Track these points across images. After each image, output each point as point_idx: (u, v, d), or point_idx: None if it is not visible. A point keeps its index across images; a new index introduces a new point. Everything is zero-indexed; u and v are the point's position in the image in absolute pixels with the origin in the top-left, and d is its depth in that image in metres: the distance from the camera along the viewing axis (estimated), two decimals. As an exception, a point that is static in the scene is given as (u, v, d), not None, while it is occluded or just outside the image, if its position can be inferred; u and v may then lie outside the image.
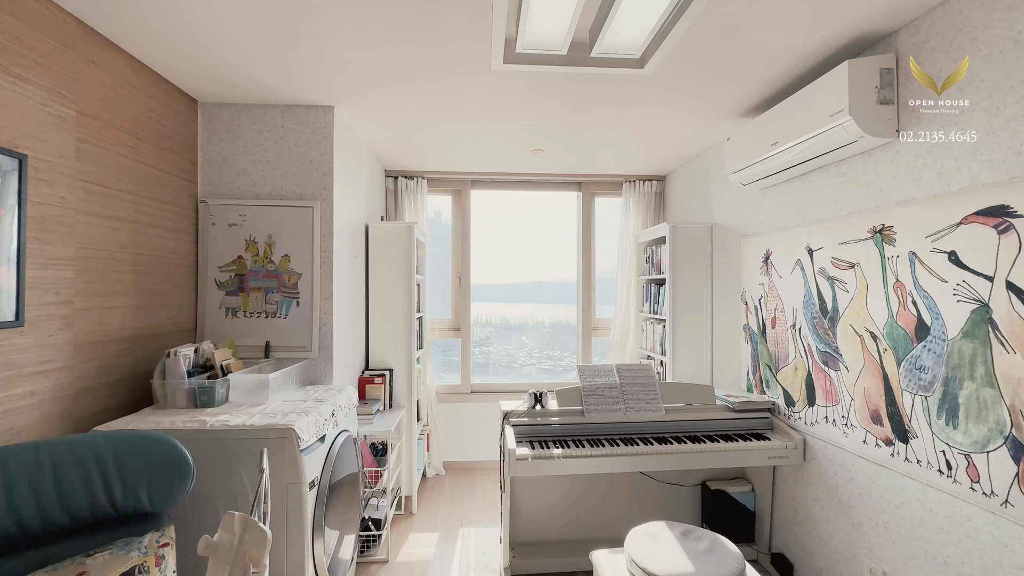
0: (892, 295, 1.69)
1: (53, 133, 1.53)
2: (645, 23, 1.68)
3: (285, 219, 2.33)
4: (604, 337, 3.90)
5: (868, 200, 1.81)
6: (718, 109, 2.41)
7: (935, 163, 1.55)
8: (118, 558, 1.12)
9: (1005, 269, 1.33)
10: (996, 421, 1.36)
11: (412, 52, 1.85)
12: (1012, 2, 1.32)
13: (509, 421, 2.26)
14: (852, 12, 1.59)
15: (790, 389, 2.26)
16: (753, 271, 2.55)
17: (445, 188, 3.80)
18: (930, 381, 1.56)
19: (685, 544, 1.60)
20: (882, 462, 1.74)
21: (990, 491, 1.38)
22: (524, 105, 2.37)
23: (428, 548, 2.59)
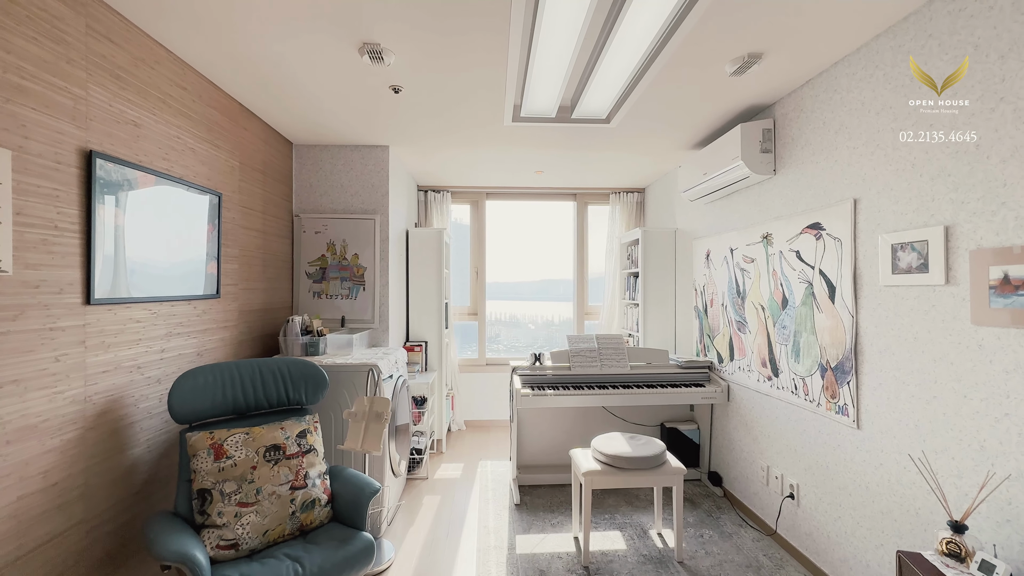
0: (771, 280, 2.54)
1: (229, 178, 2.43)
2: (607, 96, 2.54)
3: (354, 227, 3.23)
4: (595, 320, 4.76)
5: (760, 215, 2.65)
6: (671, 145, 3.26)
7: (791, 194, 2.39)
8: (297, 423, 2.02)
9: (819, 261, 2.18)
10: (815, 356, 2.20)
11: (450, 116, 2.73)
12: (824, 99, 2.16)
13: (516, 373, 3.14)
14: (746, 93, 2.43)
15: (720, 350, 3.11)
16: (700, 265, 3.40)
17: (465, 199, 4.69)
18: (788, 335, 2.40)
19: (630, 441, 2.46)
20: (766, 392, 2.59)
21: (813, 399, 2.22)
22: (527, 146, 3.24)
23: (456, 472, 3.49)
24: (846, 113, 2.02)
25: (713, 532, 2.61)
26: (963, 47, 1.53)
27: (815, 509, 2.22)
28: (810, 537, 2.25)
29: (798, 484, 2.34)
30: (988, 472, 1.44)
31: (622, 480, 2.28)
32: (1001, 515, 1.41)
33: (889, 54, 1.80)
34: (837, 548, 2.08)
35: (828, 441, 2.15)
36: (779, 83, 2.29)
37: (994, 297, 1.42)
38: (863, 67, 1.93)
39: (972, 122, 1.50)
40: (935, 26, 1.62)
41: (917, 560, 1.46)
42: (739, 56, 2.03)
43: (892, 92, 1.79)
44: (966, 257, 1.51)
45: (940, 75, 1.60)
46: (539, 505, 2.94)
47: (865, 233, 1.92)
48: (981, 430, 1.47)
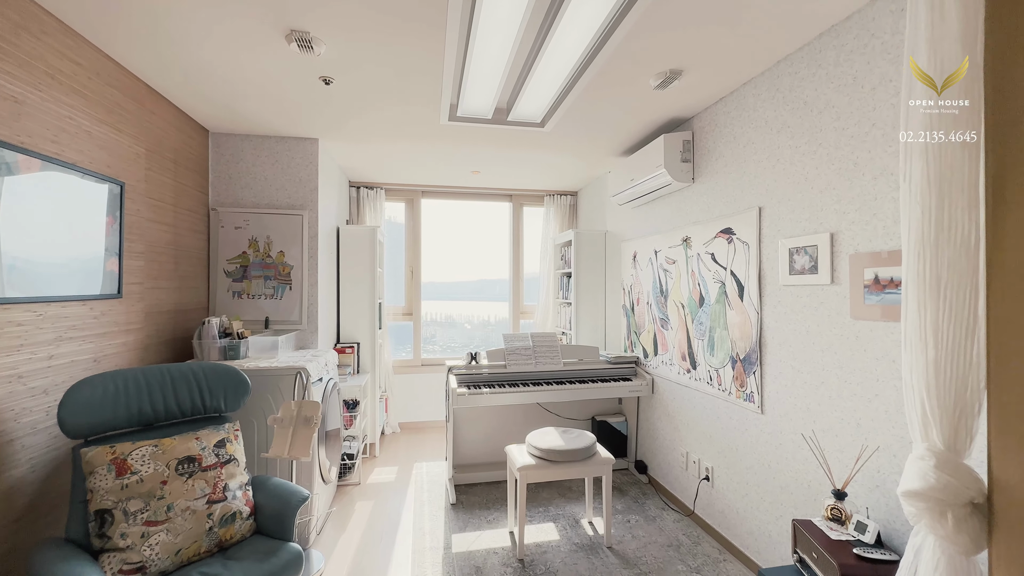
0: (690, 280, 2.75)
1: (133, 165, 2.21)
2: (542, 101, 2.61)
3: (280, 223, 3.05)
4: (530, 320, 4.87)
5: (680, 220, 2.86)
6: (602, 151, 3.42)
7: (707, 201, 2.61)
8: (214, 432, 1.87)
9: (730, 263, 2.39)
10: (727, 349, 2.42)
11: (385, 112, 2.67)
12: (735, 116, 2.38)
13: (453, 372, 3.13)
14: (669, 106, 2.61)
15: (646, 346, 3.32)
16: (628, 266, 3.60)
17: (400, 197, 4.59)
18: (704, 331, 2.62)
19: (563, 435, 2.55)
20: (686, 384, 2.80)
21: (725, 388, 2.44)
22: (463, 145, 3.25)
23: (390, 475, 3.41)
24: (752, 129, 2.24)
25: (639, 517, 2.78)
26: (843, 78, 1.76)
27: (727, 489, 2.44)
28: (722, 514, 2.47)
29: (713, 467, 2.56)
30: (863, 446, 1.67)
31: (556, 473, 2.36)
32: (872, 482, 1.64)
33: (787, 79, 2.03)
34: (744, 522, 2.30)
35: (738, 426, 2.37)
36: (697, 98, 2.49)
37: (868, 295, 1.65)
38: (766, 89, 2.15)
39: (852, 144, 1.73)
40: (823, 57, 1.85)
41: (808, 526, 1.66)
42: (662, 71, 2.18)
43: (790, 112, 2.01)
44: (847, 260, 1.74)
45: (827, 102, 1.83)
46: (475, 503, 2.96)
47: (768, 238, 2.14)
48: (857, 409, 1.70)
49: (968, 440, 0.95)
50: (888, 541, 1.56)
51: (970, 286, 0.92)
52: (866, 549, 1.48)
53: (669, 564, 2.30)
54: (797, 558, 1.68)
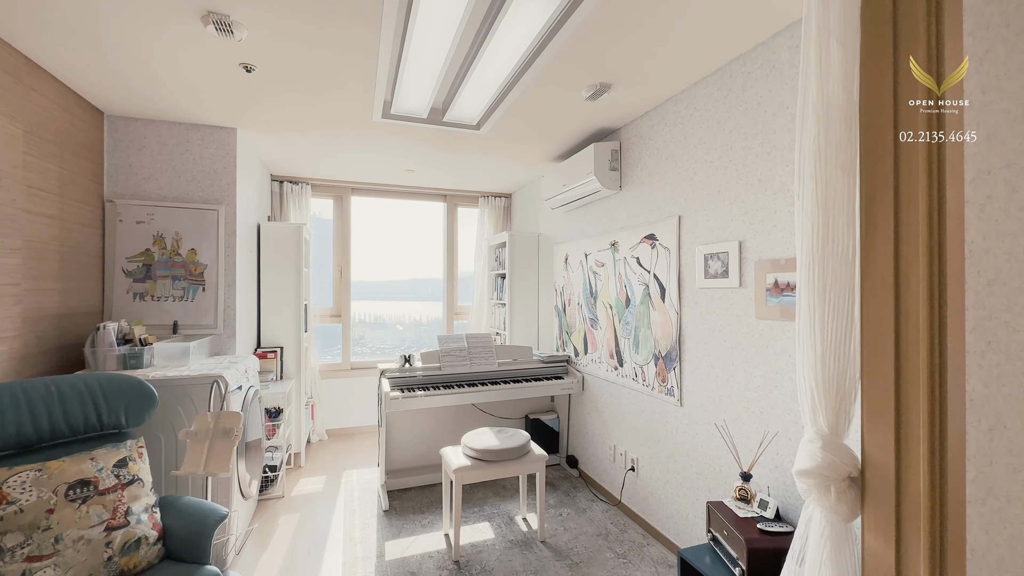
0: (618, 282, 2.91)
1: (7, 149, 1.92)
2: (478, 104, 2.63)
3: (191, 219, 2.80)
4: (465, 320, 4.86)
5: (609, 225, 3.01)
6: (536, 156, 3.50)
7: (633, 208, 2.77)
8: (113, 451, 1.68)
9: (654, 266, 2.56)
10: (651, 347, 2.59)
11: (313, 105, 2.54)
12: (658, 129, 2.55)
13: (385, 376, 3.05)
14: (600, 116, 2.73)
15: (577, 345, 3.45)
16: (560, 268, 3.72)
17: (328, 193, 4.38)
18: (630, 330, 2.78)
19: (498, 435, 2.59)
20: (613, 380, 2.96)
21: (649, 384, 2.61)
22: (397, 144, 3.18)
23: (318, 485, 3.25)
24: (673, 143, 2.42)
25: (571, 510, 2.89)
26: (749, 102, 1.95)
27: (650, 477, 2.61)
28: (646, 502, 2.64)
29: (637, 458, 2.72)
30: (765, 432, 1.88)
31: (492, 472, 2.39)
32: (772, 463, 1.84)
33: (703, 99, 2.21)
34: (665, 507, 2.48)
35: (659, 419, 2.54)
36: (624, 111, 2.63)
37: (769, 297, 1.86)
38: (685, 106, 2.33)
39: (756, 162, 1.93)
40: (733, 82, 2.04)
41: (719, 507, 1.83)
42: (593, 84, 2.29)
43: (705, 130, 2.20)
44: (752, 266, 1.94)
45: (736, 122, 2.02)
46: (409, 508, 2.91)
47: (687, 244, 2.33)
48: (761, 400, 1.91)
49: (847, 424, 1.11)
50: (785, 515, 1.76)
51: (848, 292, 1.08)
52: (767, 523, 1.67)
53: (599, 552, 2.42)
54: (711, 536, 1.85)
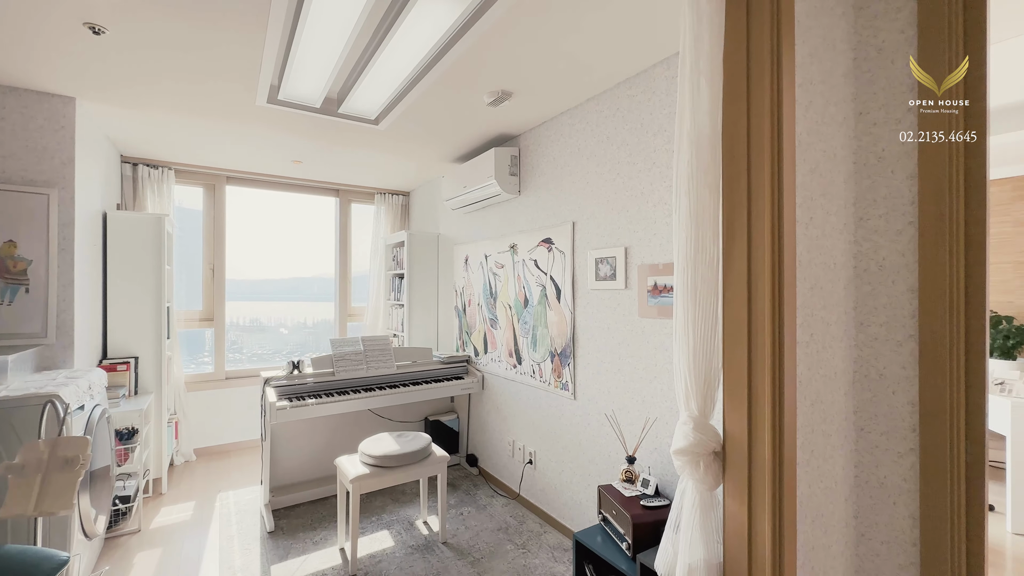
0: (516, 283, 3.01)
1: None
2: (378, 99, 2.53)
3: (9, 204, 2.28)
4: (360, 322, 4.63)
5: (509, 228, 3.11)
6: (436, 156, 3.47)
7: (531, 213, 2.90)
8: None
9: (550, 268, 2.71)
10: (547, 345, 2.74)
11: (181, 82, 2.23)
12: (554, 139, 2.70)
13: (270, 384, 2.79)
14: (501, 122, 2.80)
15: (477, 345, 3.50)
16: (460, 269, 3.74)
17: (196, 180, 3.87)
18: (528, 329, 2.90)
19: (398, 439, 2.53)
20: (512, 378, 3.07)
21: (546, 380, 2.75)
22: (284, 132, 2.92)
23: (184, 513, 2.86)
24: (568, 154, 2.58)
25: (471, 508, 2.92)
26: (633, 122, 2.17)
27: (547, 468, 2.75)
28: (543, 492, 2.78)
29: (535, 451, 2.85)
30: (646, 418, 2.10)
31: (392, 478, 2.33)
32: (653, 446, 2.07)
33: (594, 115, 2.40)
34: (561, 495, 2.64)
35: (555, 412, 2.70)
36: (524, 119, 2.74)
37: (650, 298, 2.08)
38: (579, 120, 2.51)
39: (640, 176, 2.15)
40: (619, 103, 2.25)
41: (609, 489, 2.01)
42: (495, 90, 2.35)
43: (596, 144, 2.39)
44: (636, 270, 2.16)
45: (622, 140, 2.23)
46: (299, 526, 2.70)
47: (580, 249, 2.50)
48: (643, 390, 2.13)
49: (712, 406, 1.30)
50: (663, 490, 1.99)
51: (714, 294, 1.26)
52: (649, 499, 1.87)
53: (499, 546, 2.49)
54: (601, 518, 2.02)
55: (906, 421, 1.28)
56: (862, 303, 1.36)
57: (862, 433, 1.36)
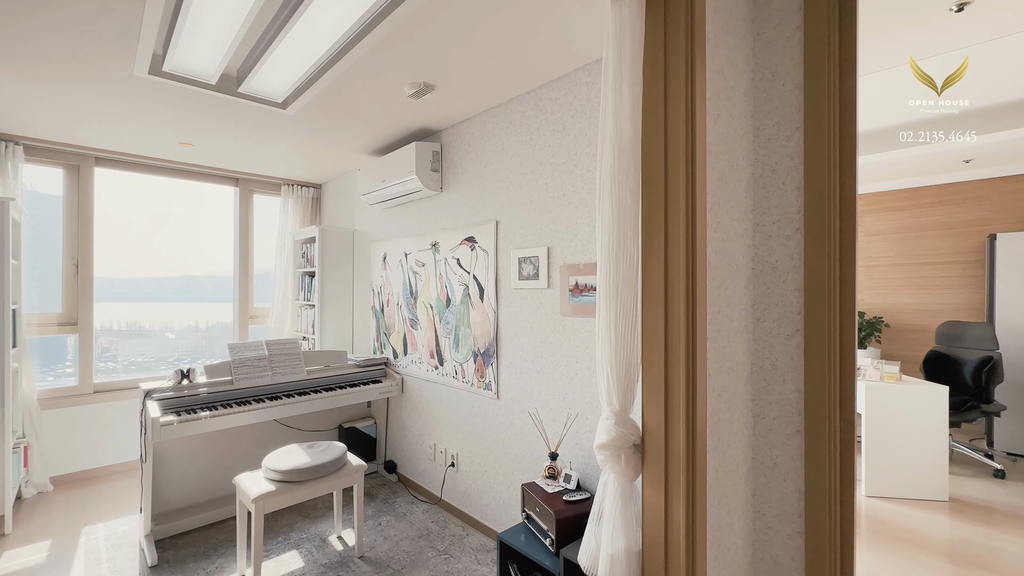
0: (438, 282, 2.94)
1: None
2: (286, 80, 2.32)
3: None
4: (263, 324, 4.24)
5: (430, 226, 3.03)
6: (353, 147, 3.28)
7: (454, 211, 2.84)
8: None
9: (473, 267, 2.68)
10: (470, 345, 2.70)
11: (31, 37, 1.86)
12: (478, 137, 2.67)
13: (152, 397, 2.44)
14: (423, 115, 2.70)
15: (396, 346, 3.37)
16: (378, 267, 3.57)
17: (55, 160, 3.28)
18: (451, 329, 2.84)
19: (309, 450, 2.34)
20: (434, 380, 2.99)
21: (468, 380, 2.72)
22: (171, 108, 2.57)
23: (38, 556, 2.40)
24: (492, 152, 2.57)
25: (390, 517, 2.80)
26: (556, 124, 2.21)
27: (469, 470, 2.72)
28: (466, 495, 2.74)
29: (457, 453, 2.80)
30: (568, 415, 2.15)
31: (303, 493, 2.15)
32: (574, 441, 2.12)
33: (518, 115, 2.41)
34: (484, 496, 2.62)
35: (478, 412, 2.67)
36: (447, 114, 2.68)
37: (571, 297, 2.13)
38: (503, 119, 2.50)
39: (562, 178, 2.20)
40: (543, 105, 2.28)
41: (532, 487, 2.02)
42: (417, 82, 2.26)
43: (520, 144, 2.40)
44: (558, 269, 2.20)
45: (545, 141, 2.27)
46: (190, 555, 2.39)
47: (503, 248, 2.50)
48: (564, 387, 2.18)
49: (632, 401, 1.35)
50: (584, 484, 2.05)
51: (634, 293, 1.32)
52: (571, 494, 1.91)
53: (420, 554, 2.40)
54: (525, 516, 2.03)
55: (794, 406, 1.43)
56: (758, 301, 1.50)
57: (758, 419, 1.50)
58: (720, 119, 1.36)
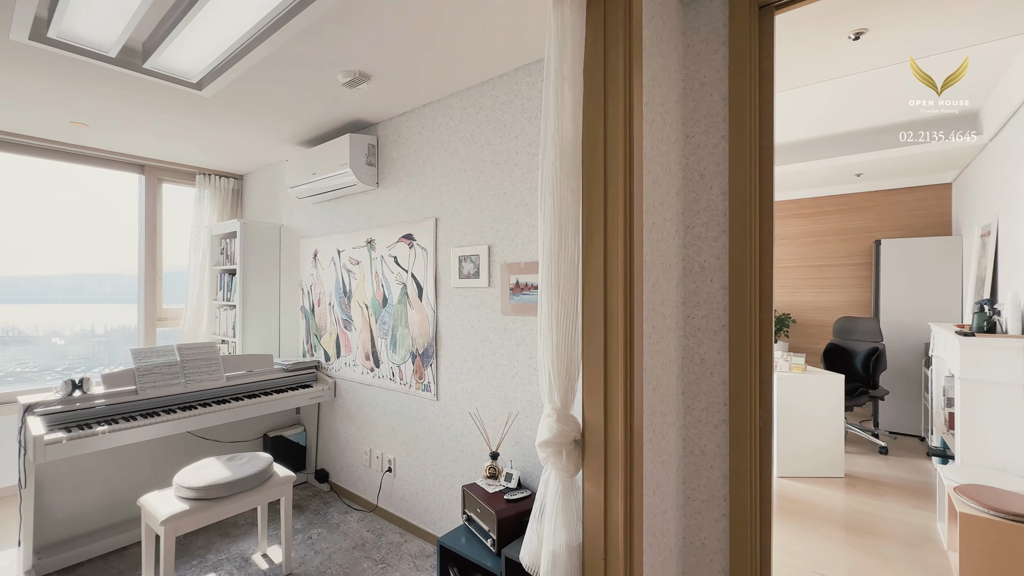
0: (374, 281, 2.83)
1: None
2: (202, 58, 2.11)
3: None
4: (174, 328, 3.85)
5: (365, 222, 2.90)
6: (280, 136, 3.06)
7: (391, 207, 2.74)
8: None
9: (412, 266, 2.60)
10: (408, 346, 2.62)
11: None
12: (416, 132, 2.59)
13: (34, 412, 2.12)
14: (357, 106, 2.57)
15: (328, 349, 3.19)
16: (308, 265, 3.36)
17: (-98, 134, 2.75)
18: (388, 330, 2.74)
19: (229, 463, 2.15)
20: (370, 383, 2.87)
21: (406, 382, 2.63)
22: (59, 82, 2.25)
23: None
24: (431, 148, 2.51)
25: (322, 529, 2.65)
26: (497, 122, 2.21)
27: (408, 475, 2.64)
28: (404, 500, 2.66)
29: (395, 458, 2.71)
30: (509, 413, 2.15)
31: (222, 511, 1.96)
32: (515, 440, 2.13)
33: (458, 111, 2.37)
34: (423, 500, 2.55)
35: (417, 415, 2.60)
36: (385, 107, 2.58)
37: (512, 296, 2.13)
38: (442, 115, 2.45)
39: (503, 176, 2.19)
40: (484, 102, 2.26)
41: (473, 487, 2.00)
42: (352, 71, 2.15)
43: (460, 141, 2.37)
44: (499, 268, 2.19)
45: (486, 139, 2.25)
46: (82, 590, 2.11)
47: (443, 246, 2.45)
48: (505, 385, 2.17)
49: (573, 398, 1.37)
50: (525, 481, 2.06)
51: (575, 291, 1.34)
52: (512, 492, 1.91)
53: (355, 566, 2.29)
54: (466, 517, 2.00)
55: (720, 397, 1.53)
56: (688, 299, 1.59)
57: (688, 410, 1.59)
58: (655, 124, 1.41)
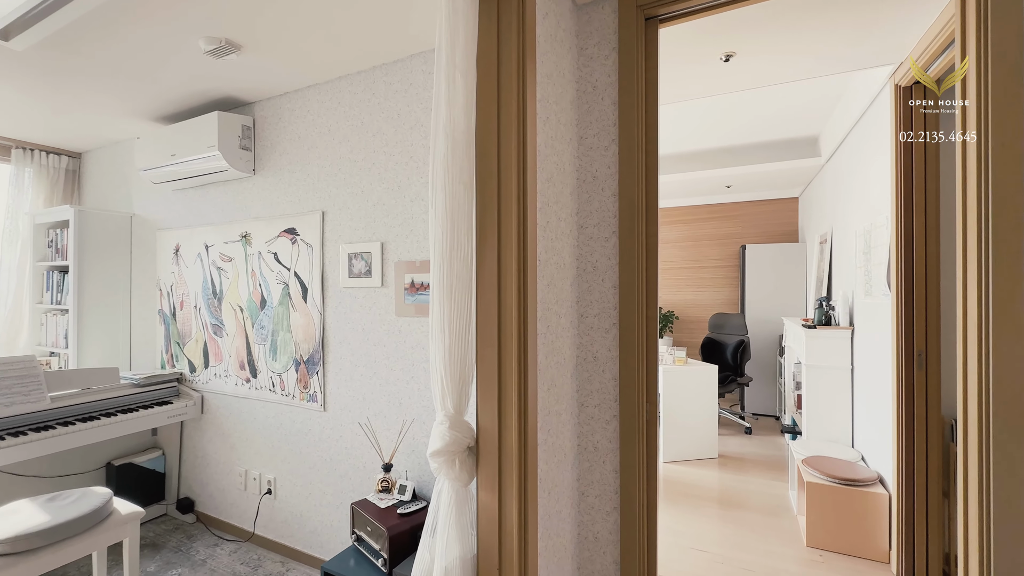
0: (250, 280, 2.51)
1: None
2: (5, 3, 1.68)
3: None
4: (-21, 338, 3.07)
5: (239, 213, 2.56)
6: (127, 109, 2.58)
7: (271, 197, 2.45)
8: None
9: (295, 263, 2.35)
10: (291, 353, 2.36)
11: None
12: (300, 115, 2.34)
13: None
14: (227, 81, 2.24)
15: (193, 358, 2.77)
16: (167, 261, 2.89)
17: None
18: (267, 335, 2.45)
19: (49, 506, 1.74)
20: (245, 395, 2.54)
21: (289, 393, 2.37)
22: None
23: None
24: (317, 135, 2.28)
25: (183, 568, 2.28)
26: (390, 111, 2.07)
27: (291, 495, 2.38)
28: (286, 524, 2.39)
29: (275, 478, 2.43)
30: (403, 421, 2.02)
31: (38, 565, 1.57)
32: (410, 448, 2.01)
33: (348, 96, 2.19)
34: (309, 522, 2.31)
35: (301, 428, 2.35)
36: (262, 84, 2.29)
37: (407, 296, 2.01)
38: (330, 99, 2.24)
39: (397, 169, 2.06)
40: (376, 88, 2.11)
41: (363, 504, 1.85)
42: (217, 37, 1.86)
43: (350, 128, 2.18)
44: (393, 267, 2.06)
45: (378, 128, 2.10)
46: None
47: (331, 242, 2.24)
48: (400, 392, 2.04)
49: (466, 403, 1.30)
50: (420, 492, 1.95)
51: (468, 291, 1.27)
52: (406, 506, 1.80)
53: (223, 607, 2.00)
54: (355, 538, 1.84)
55: (611, 393, 1.57)
56: (582, 298, 1.61)
57: (583, 408, 1.61)
58: (549, 122, 1.40)
